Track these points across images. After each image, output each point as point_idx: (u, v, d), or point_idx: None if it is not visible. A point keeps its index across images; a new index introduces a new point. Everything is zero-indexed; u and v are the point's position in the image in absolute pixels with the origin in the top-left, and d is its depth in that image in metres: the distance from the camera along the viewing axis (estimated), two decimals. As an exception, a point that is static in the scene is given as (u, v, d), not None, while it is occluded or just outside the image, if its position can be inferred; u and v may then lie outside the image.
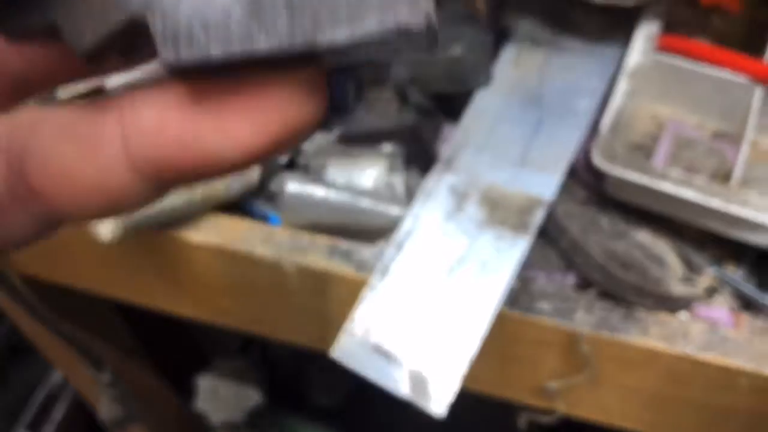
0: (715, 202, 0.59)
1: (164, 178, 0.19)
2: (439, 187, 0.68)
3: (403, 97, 0.79)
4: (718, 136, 0.70)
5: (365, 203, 0.68)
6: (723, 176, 0.65)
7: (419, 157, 0.79)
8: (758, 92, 0.65)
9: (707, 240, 0.67)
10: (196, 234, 0.69)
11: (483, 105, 0.72)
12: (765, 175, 0.68)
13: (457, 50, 0.73)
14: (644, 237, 0.67)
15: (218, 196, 0.69)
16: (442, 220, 0.65)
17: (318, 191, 0.69)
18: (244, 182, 0.72)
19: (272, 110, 0.18)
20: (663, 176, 0.61)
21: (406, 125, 0.77)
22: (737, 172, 0.62)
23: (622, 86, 0.66)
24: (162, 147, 0.18)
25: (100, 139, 0.19)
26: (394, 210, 0.68)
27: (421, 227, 0.65)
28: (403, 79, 0.77)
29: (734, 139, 0.68)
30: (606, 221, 0.68)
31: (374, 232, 0.68)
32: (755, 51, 0.71)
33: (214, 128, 0.18)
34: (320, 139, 0.83)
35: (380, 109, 0.82)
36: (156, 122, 0.18)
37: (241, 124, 0.18)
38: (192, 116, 0.18)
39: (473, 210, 0.66)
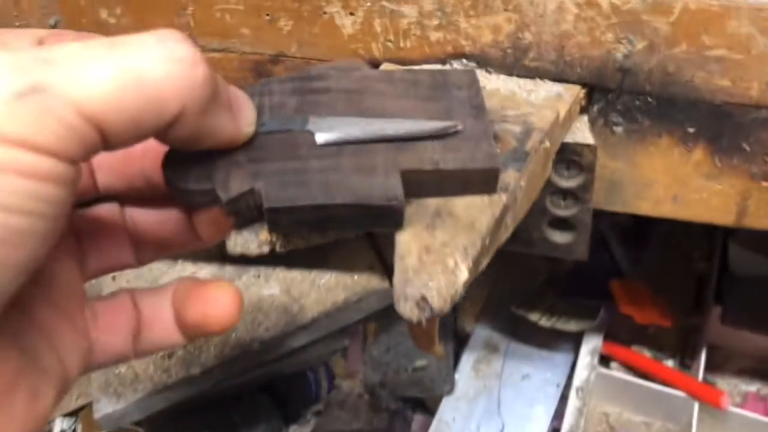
0: None
1: None
2: (409, 505, 0.72)
3: (374, 398, 0.85)
4: (664, 438, 0.76)
5: None
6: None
7: (391, 452, 0.83)
8: (696, 406, 0.72)
9: None
10: None
11: (448, 414, 0.78)
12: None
13: (422, 361, 0.80)
14: None
15: None
16: None
17: None
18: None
19: None
20: (615, 501, 0.66)
21: (378, 428, 0.82)
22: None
23: (572, 403, 0.73)
24: None
25: None
26: None
27: None
28: (375, 383, 0.83)
29: (679, 443, 0.74)
30: None
31: None
32: (690, 355, 0.79)
33: None
34: (296, 436, 0.88)
35: (352, 404, 0.87)
36: None
37: None
38: None
39: None
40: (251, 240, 0.35)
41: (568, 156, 0.49)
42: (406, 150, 0.35)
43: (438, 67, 0.48)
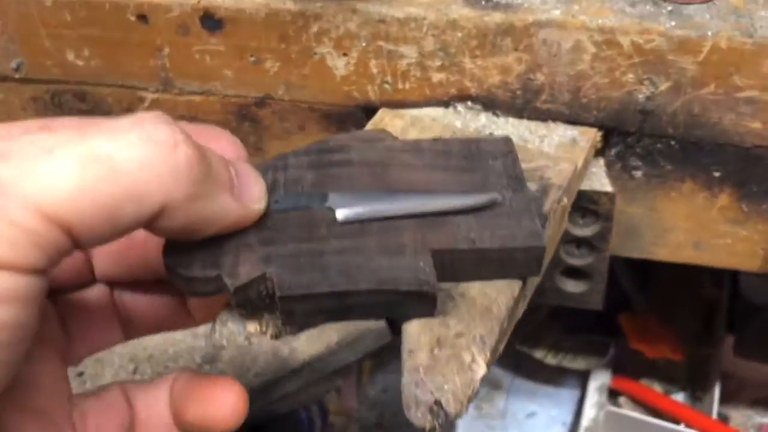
0: None
1: None
2: None
3: (371, 437, 0.81)
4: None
5: None
6: None
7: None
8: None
9: None
10: None
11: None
12: None
13: (420, 400, 0.76)
14: None
15: None
16: None
17: None
18: None
19: None
20: None
21: (375, 470, 0.78)
22: None
23: (581, 445, 0.69)
24: None
25: None
26: None
27: None
28: (371, 423, 0.79)
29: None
30: None
31: None
32: (702, 387, 0.76)
33: None
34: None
35: (348, 443, 0.83)
36: None
37: None
38: None
39: None
40: (238, 332, 0.31)
41: (583, 204, 0.45)
42: (438, 227, 0.31)
43: (441, 110, 0.44)
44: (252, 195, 0.28)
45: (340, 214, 0.31)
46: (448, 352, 0.30)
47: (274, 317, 0.30)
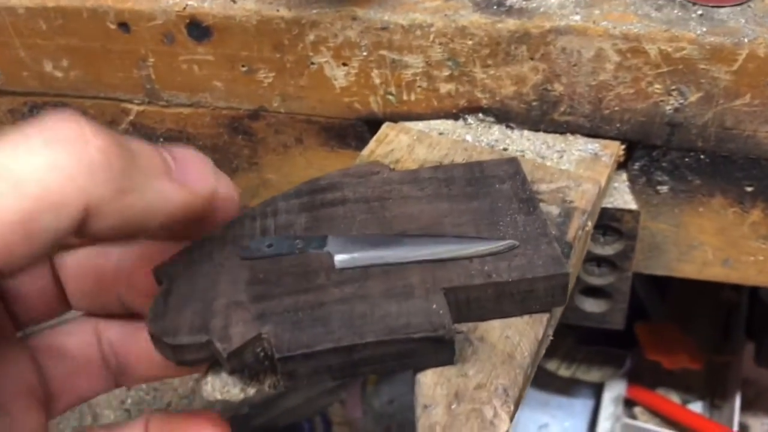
0: None
1: None
2: None
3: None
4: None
5: None
6: None
7: None
8: (731, 460, 0.66)
9: None
10: None
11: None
12: None
13: None
14: None
15: None
16: None
17: None
18: None
19: None
20: None
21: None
22: None
23: (597, 461, 0.66)
24: None
25: None
26: None
27: None
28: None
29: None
30: None
31: None
32: (721, 395, 0.73)
33: None
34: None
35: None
36: None
37: None
38: None
39: None
40: (232, 383, 0.28)
41: (605, 221, 0.42)
42: (448, 261, 0.28)
43: (450, 122, 0.41)
44: (197, 176, 0.25)
45: (339, 261, 0.27)
46: (467, 407, 0.27)
47: (275, 379, 0.27)
